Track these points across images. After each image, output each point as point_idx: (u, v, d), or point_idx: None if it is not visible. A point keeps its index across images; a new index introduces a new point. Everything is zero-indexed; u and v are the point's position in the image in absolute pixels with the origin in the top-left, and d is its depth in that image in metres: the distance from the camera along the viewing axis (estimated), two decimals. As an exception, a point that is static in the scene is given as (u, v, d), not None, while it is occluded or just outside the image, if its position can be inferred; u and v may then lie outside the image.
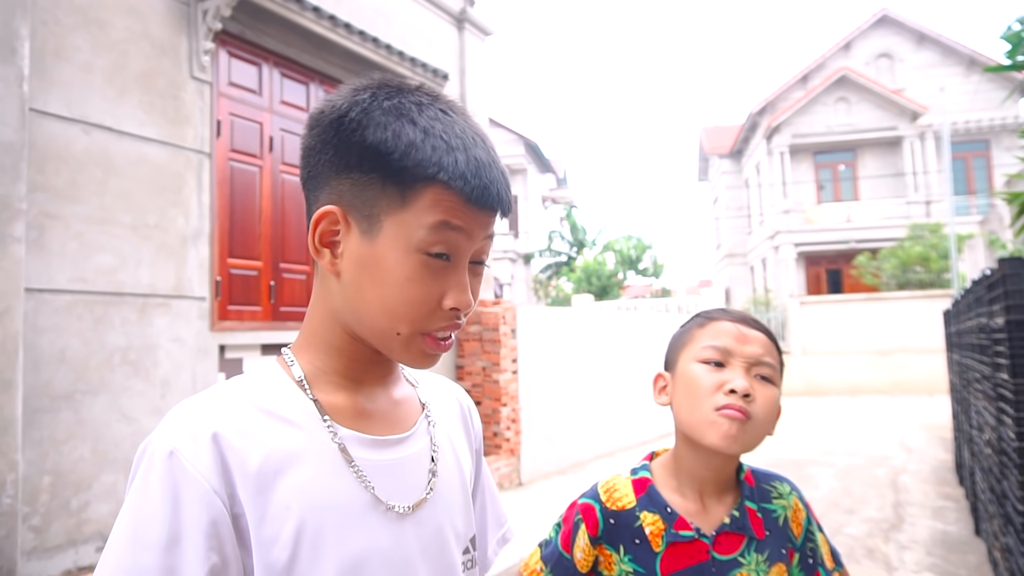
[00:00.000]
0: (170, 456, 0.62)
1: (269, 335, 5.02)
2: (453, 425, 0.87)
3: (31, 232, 3.62)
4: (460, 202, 0.68)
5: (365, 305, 0.70)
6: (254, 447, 0.65)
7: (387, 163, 0.67)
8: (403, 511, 0.72)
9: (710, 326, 1.05)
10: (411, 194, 0.68)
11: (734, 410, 0.97)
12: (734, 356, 1.01)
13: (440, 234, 0.68)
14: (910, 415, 11.98)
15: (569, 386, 8.11)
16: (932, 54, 22.23)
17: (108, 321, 3.98)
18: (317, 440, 0.69)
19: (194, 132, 4.56)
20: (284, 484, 0.65)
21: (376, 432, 0.74)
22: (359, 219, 0.69)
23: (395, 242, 0.68)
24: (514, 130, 24.93)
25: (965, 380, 5.56)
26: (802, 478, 7.11)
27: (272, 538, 0.64)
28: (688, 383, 1.02)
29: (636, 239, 25.26)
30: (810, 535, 1.07)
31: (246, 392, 0.69)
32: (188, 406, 0.66)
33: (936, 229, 17.99)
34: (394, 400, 0.79)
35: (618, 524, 1.03)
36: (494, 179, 0.70)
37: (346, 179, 0.69)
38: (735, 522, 1.02)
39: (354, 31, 5.57)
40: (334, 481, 0.68)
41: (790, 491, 1.10)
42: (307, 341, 0.75)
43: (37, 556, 3.58)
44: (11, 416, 3.27)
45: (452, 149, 0.68)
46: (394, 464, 0.73)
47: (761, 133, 22.99)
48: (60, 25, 3.85)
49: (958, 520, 5.47)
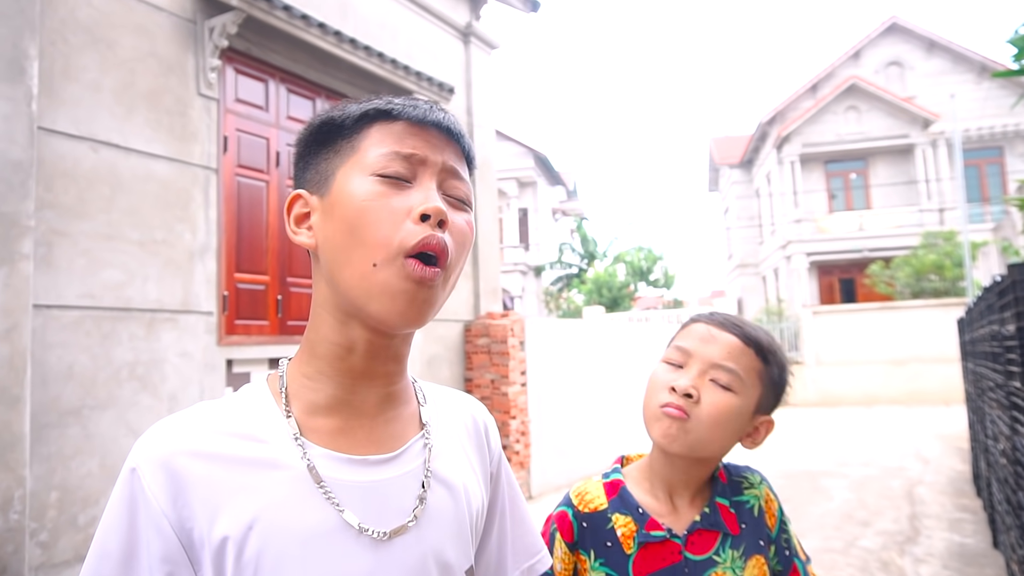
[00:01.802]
0: (131, 473, 0.64)
1: (276, 349, 5.03)
2: (464, 447, 0.82)
3: (39, 249, 3.65)
4: (404, 127, 0.71)
5: (339, 253, 0.68)
6: (214, 469, 0.64)
7: (334, 129, 0.72)
8: (379, 537, 0.67)
9: (686, 328, 1.07)
10: (357, 140, 0.71)
11: (672, 407, 0.98)
12: (692, 358, 1.02)
13: (391, 160, 0.69)
14: (926, 425, 11.81)
15: (579, 398, 8.07)
16: (942, 61, 22.12)
17: (116, 336, 4.01)
18: (286, 459, 0.67)
19: (201, 148, 4.60)
20: (245, 505, 0.64)
21: (355, 451, 0.70)
22: (318, 188, 0.73)
23: (347, 179, 0.70)
24: (523, 143, 24.98)
25: (979, 389, 5.48)
26: (816, 490, 7.02)
27: (234, 558, 0.62)
28: (649, 382, 1.05)
29: (647, 250, 25.21)
30: (783, 527, 1.07)
31: (218, 413, 0.69)
32: (159, 427, 0.66)
33: (950, 237, 17.81)
34: (386, 417, 0.74)
35: (590, 527, 1.03)
36: (433, 107, 0.73)
37: (309, 167, 0.75)
38: (706, 519, 1.01)
39: (360, 46, 5.62)
40: (300, 502, 0.65)
41: (760, 480, 1.10)
42: (303, 347, 0.74)
43: (44, 572, 3.58)
44: (19, 432, 3.29)
45: (389, 99, 0.73)
46: (372, 486, 0.69)
47: (771, 143, 22.93)
48: (68, 45, 3.91)
49: (975, 532, 5.37)
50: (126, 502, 0.63)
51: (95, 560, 0.62)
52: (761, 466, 1.11)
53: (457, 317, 7.02)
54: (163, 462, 0.63)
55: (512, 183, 24.59)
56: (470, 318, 7.19)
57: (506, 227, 24.58)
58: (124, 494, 0.63)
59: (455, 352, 6.92)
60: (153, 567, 0.61)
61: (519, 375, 6.97)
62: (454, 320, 6.98)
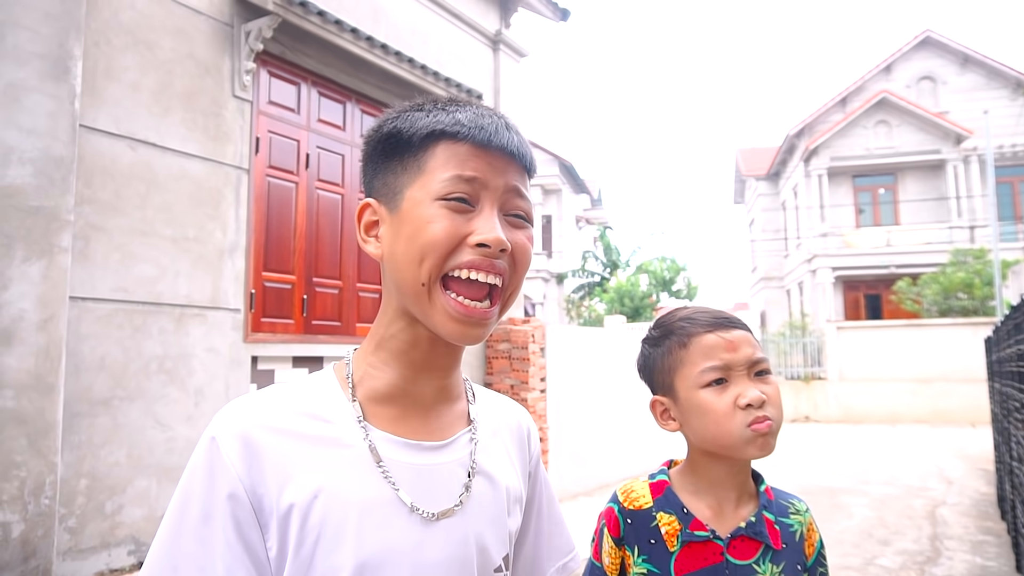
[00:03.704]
0: (211, 441, 0.69)
1: (301, 348, 5.11)
2: (506, 445, 0.88)
3: (77, 243, 3.76)
4: (468, 150, 0.74)
5: (399, 265, 0.74)
6: (285, 443, 0.71)
7: (402, 144, 0.75)
8: (429, 517, 0.73)
9: (694, 344, 1.05)
10: (424, 158, 0.74)
11: (761, 423, 0.99)
12: (732, 368, 1.02)
13: (455, 184, 0.72)
14: (951, 446, 11.60)
15: (597, 406, 8.06)
16: (977, 76, 21.78)
17: (146, 330, 4.11)
18: (349, 438, 0.73)
19: (234, 148, 4.71)
20: (312, 477, 0.70)
21: (412, 436, 0.76)
22: (387, 201, 0.76)
23: (415, 202, 0.73)
24: (549, 150, 25.04)
25: (1006, 409, 5.39)
26: (835, 507, 6.94)
27: (299, 523, 0.68)
28: (702, 411, 1.03)
29: (670, 260, 25.04)
30: (820, 560, 1.08)
31: (291, 394, 0.75)
32: (237, 402, 0.73)
33: (980, 255, 17.49)
34: (439, 409, 0.81)
35: (635, 524, 1.05)
36: (499, 127, 0.76)
37: (378, 175, 0.78)
38: (751, 527, 1.03)
39: (390, 51, 5.71)
40: (360, 478, 0.72)
41: (806, 509, 1.11)
42: (370, 339, 0.80)
43: (72, 557, 3.68)
44: (52, 420, 3.39)
45: (454, 113, 0.75)
46: (425, 469, 0.75)
47: (799, 155, 22.73)
48: (111, 46, 4.03)
49: (999, 556, 5.28)
50: (206, 466, 0.68)
51: (175, 519, 0.67)
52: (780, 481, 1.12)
53: (478, 321, 7.05)
54: (240, 433, 0.69)
55: (537, 190, 24.65)
56: (491, 323, 7.23)
57: (529, 234, 24.56)
58: (203, 459, 0.69)
59: (476, 356, 6.97)
60: (227, 528, 0.66)
61: (539, 381, 6.99)
62: (475, 324, 7.01)
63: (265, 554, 0.68)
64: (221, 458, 0.68)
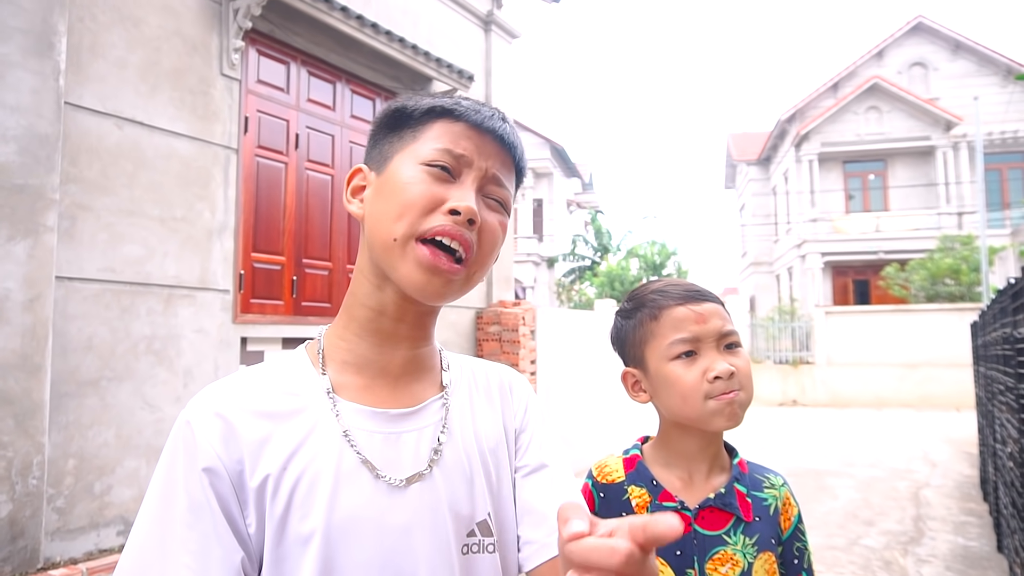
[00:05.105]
0: (186, 424, 0.72)
1: (290, 329, 5.10)
2: (485, 403, 0.87)
3: (63, 222, 3.72)
4: (462, 129, 0.77)
5: (375, 223, 0.77)
6: (257, 419, 0.73)
7: (404, 118, 0.80)
8: (397, 483, 0.74)
9: (664, 317, 1.05)
10: (420, 130, 0.78)
11: (727, 394, 1.00)
12: (702, 340, 1.02)
13: (442, 155, 0.76)
14: (936, 429, 11.76)
15: (587, 388, 8.10)
16: (968, 63, 21.82)
17: (134, 311, 4.08)
18: (317, 409, 0.75)
19: (222, 128, 4.65)
20: (282, 450, 0.72)
21: (379, 405, 0.78)
22: (377, 165, 0.80)
23: (401, 163, 0.77)
24: (540, 133, 24.94)
25: (990, 392, 5.46)
26: (821, 488, 7.03)
27: (271, 494, 0.70)
28: (670, 383, 1.03)
29: (660, 245, 25.08)
30: (799, 535, 1.08)
31: (261, 373, 0.78)
32: (208, 388, 0.76)
33: (968, 241, 17.63)
34: (408, 378, 0.81)
35: (608, 497, 1.07)
36: (495, 115, 0.80)
37: (376, 146, 0.82)
38: (720, 498, 1.04)
39: (381, 31, 5.64)
40: (328, 447, 0.74)
41: (782, 483, 1.11)
42: (342, 312, 0.83)
43: (60, 537, 3.67)
44: (39, 400, 3.37)
45: (457, 98, 0.80)
46: (392, 436, 0.76)
47: (790, 141, 22.76)
48: (96, 22, 3.96)
49: (980, 536, 5.37)
50: (183, 449, 0.70)
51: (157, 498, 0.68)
52: (766, 463, 1.13)
53: (469, 304, 7.06)
54: (215, 412, 0.72)
55: (528, 173, 24.55)
56: (482, 306, 7.23)
57: (520, 217, 24.58)
58: (179, 442, 0.71)
59: (466, 338, 6.97)
60: (214, 508, 0.68)
61: (529, 364, 7.01)
62: (466, 307, 7.02)
63: (245, 530, 0.70)
64: (196, 438, 0.70)
